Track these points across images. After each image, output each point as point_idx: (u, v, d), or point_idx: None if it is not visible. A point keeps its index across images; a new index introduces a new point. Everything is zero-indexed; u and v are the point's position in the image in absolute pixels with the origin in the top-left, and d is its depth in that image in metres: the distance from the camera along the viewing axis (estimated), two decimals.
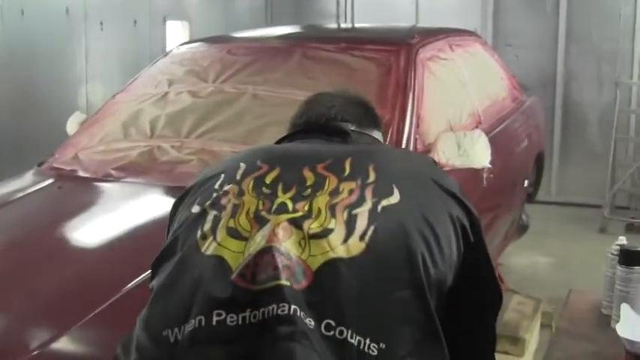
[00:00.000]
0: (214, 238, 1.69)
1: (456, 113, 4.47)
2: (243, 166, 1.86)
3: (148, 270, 1.89)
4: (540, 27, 8.81)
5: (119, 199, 3.52)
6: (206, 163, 3.41)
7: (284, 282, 1.57)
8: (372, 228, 1.66)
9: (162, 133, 3.93)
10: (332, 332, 1.55)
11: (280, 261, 1.60)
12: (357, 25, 8.22)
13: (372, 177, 1.77)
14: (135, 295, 2.50)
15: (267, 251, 1.62)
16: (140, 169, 3.65)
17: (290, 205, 1.71)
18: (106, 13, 6.65)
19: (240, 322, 1.56)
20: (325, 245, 1.62)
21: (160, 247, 1.86)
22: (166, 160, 3.68)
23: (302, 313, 1.55)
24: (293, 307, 1.54)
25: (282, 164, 1.84)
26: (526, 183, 5.96)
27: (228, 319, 1.57)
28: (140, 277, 2.56)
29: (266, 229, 1.65)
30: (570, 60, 8.73)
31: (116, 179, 3.60)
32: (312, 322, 1.55)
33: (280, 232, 1.64)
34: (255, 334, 1.55)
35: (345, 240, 1.64)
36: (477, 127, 4.52)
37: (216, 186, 1.83)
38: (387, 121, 3.73)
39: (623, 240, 2.72)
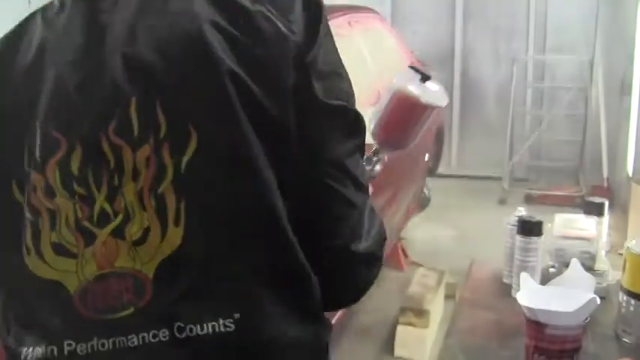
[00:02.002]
0: (40, 257, 1.43)
1: (355, 90, 4.47)
2: (38, 129, 1.39)
3: None
4: (438, 4, 8.90)
5: None
6: None
7: (127, 312, 1.38)
8: (182, 205, 1.35)
9: None
10: (184, 334, 1.38)
11: (118, 287, 1.39)
12: None
13: (163, 127, 1.33)
14: None
15: (103, 278, 1.39)
16: None
17: (110, 210, 1.39)
18: None
19: (90, 351, 1.39)
20: (150, 249, 1.37)
21: None
22: None
23: (152, 333, 1.38)
24: (141, 335, 1.38)
25: (77, 134, 1.38)
26: (427, 157, 6.03)
27: (79, 349, 1.40)
28: None
29: (93, 248, 1.40)
30: (468, 36, 8.85)
31: None
32: (167, 333, 1.38)
33: (109, 251, 1.39)
34: None
35: (164, 235, 1.36)
36: (376, 103, 4.54)
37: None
38: None
39: (521, 211, 2.75)
